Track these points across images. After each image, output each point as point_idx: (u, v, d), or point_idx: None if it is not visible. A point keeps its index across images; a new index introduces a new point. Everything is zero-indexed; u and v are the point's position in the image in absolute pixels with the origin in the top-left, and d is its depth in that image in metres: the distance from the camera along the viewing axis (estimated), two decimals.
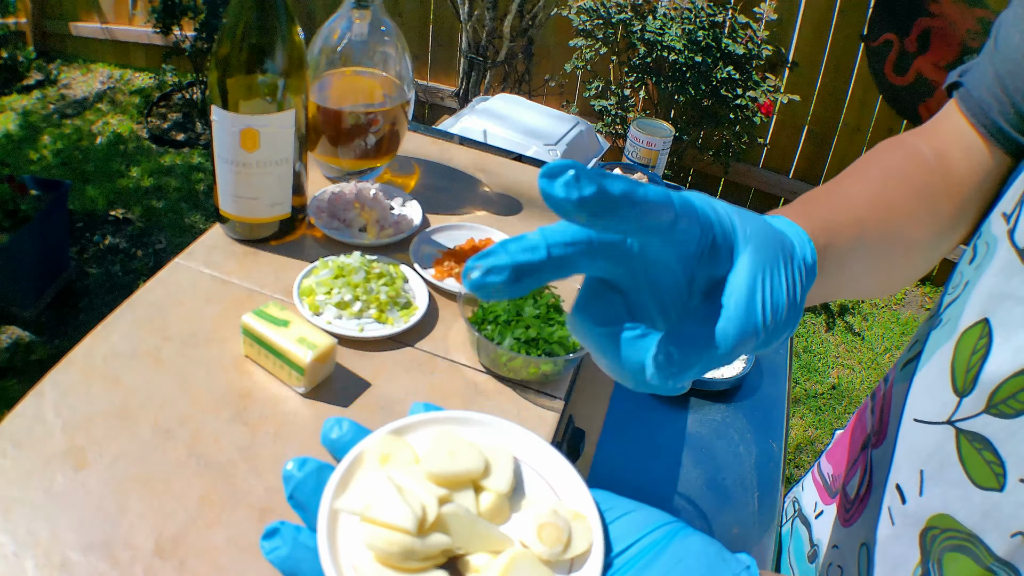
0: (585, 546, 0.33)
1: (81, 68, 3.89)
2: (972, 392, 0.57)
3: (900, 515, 0.64)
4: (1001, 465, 0.54)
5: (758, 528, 0.97)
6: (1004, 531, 0.54)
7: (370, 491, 0.31)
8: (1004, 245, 0.55)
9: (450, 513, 0.31)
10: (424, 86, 3.47)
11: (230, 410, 0.65)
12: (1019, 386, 0.53)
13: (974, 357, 0.57)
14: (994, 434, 0.55)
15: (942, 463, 0.58)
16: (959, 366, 0.58)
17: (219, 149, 0.76)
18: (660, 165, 1.52)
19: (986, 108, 0.61)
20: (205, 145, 3.39)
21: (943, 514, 0.59)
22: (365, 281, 0.76)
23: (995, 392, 0.55)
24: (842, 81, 3.00)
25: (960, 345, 0.58)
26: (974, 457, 0.56)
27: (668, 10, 2.72)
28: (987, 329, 0.56)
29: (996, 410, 0.55)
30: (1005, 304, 0.54)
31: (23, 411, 0.61)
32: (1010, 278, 0.54)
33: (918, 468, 0.62)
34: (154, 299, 0.74)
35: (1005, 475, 0.54)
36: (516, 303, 0.74)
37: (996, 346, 0.55)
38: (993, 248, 0.57)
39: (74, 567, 0.52)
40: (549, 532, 0.32)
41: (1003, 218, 0.56)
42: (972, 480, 0.56)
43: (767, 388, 1.19)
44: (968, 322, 0.58)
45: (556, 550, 0.32)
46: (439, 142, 1.10)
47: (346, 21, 0.88)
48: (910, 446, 0.64)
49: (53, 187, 2.45)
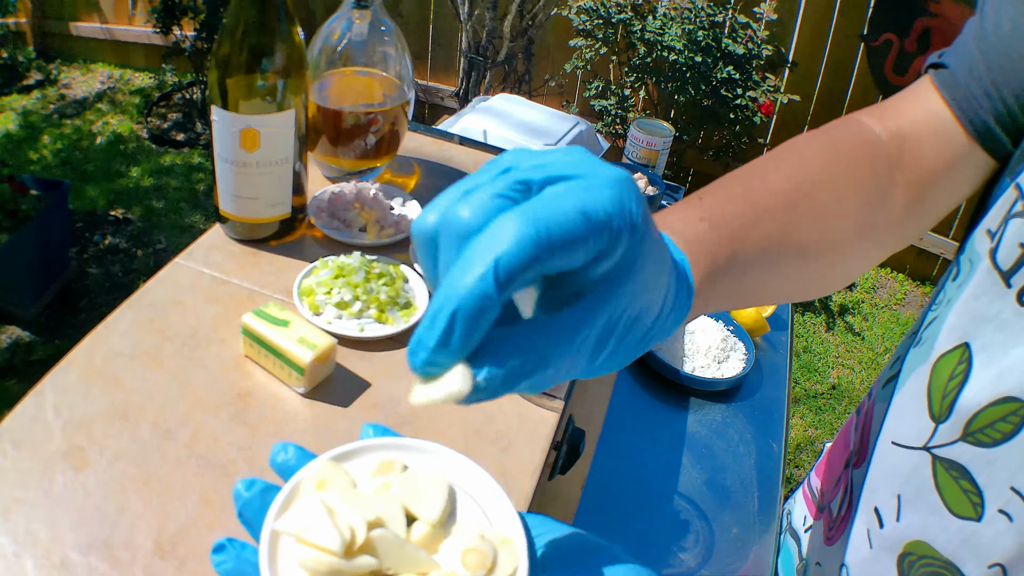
0: (509, 570, 0.34)
1: (81, 68, 3.89)
2: (948, 419, 0.55)
3: (878, 538, 0.63)
4: (979, 494, 0.53)
5: (758, 528, 0.97)
6: (982, 561, 0.53)
7: (305, 514, 0.33)
8: (985, 264, 0.52)
9: (378, 536, 0.33)
10: (424, 86, 3.47)
11: (230, 410, 0.65)
12: (998, 415, 0.51)
13: (951, 383, 0.55)
14: (971, 462, 0.53)
15: (919, 489, 0.57)
16: (935, 391, 0.56)
17: (219, 149, 0.76)
18: (660, 165, 1.52)
19: (974, 103, 0.56)
20: (205, 145, 3.39)
21: (920, 540, 0.58)
22: (365, 281, 0.76)
23: (972, 420, 0.53)
24: (842, 81, 3.00)
25: (937, 369, 0.56)
26: (951, 485, 0.55)
27: (668, 10, 2.72)
28: (967, 354, 0.54)
29: (973, 438, 0.53)
30: (986, 328, 0.52)
31: (23, 411, 0.61)
32: (991, 301, 0.52)
33: (895, 492, 0.61)
34: (154, 299, 0.74)
35: (983, 504, 0.53)
36: None
37: (975, 372, 0.53)
38: (975, 266, 0.54)
39: (74, 567, 0.52)
40: (473, 557, 0.34)
41: (987, 235, 0.54)
42: (949, 508, 0.55)
43: (767, 388, 1.19)
44: (946, 346, 0.55)
45: (479, 574, 0.33)
46: (439, 142, 1.10)
47: (346, 21, 0.88)
48: (888, 469, 0.62)
49: (53, 187, 2.45)
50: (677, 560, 0.92)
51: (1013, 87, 0.54)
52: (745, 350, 1.21)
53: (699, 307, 0.43)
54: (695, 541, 0.95)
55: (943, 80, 0.58)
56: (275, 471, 0.40)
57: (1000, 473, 0.51)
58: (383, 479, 0.37)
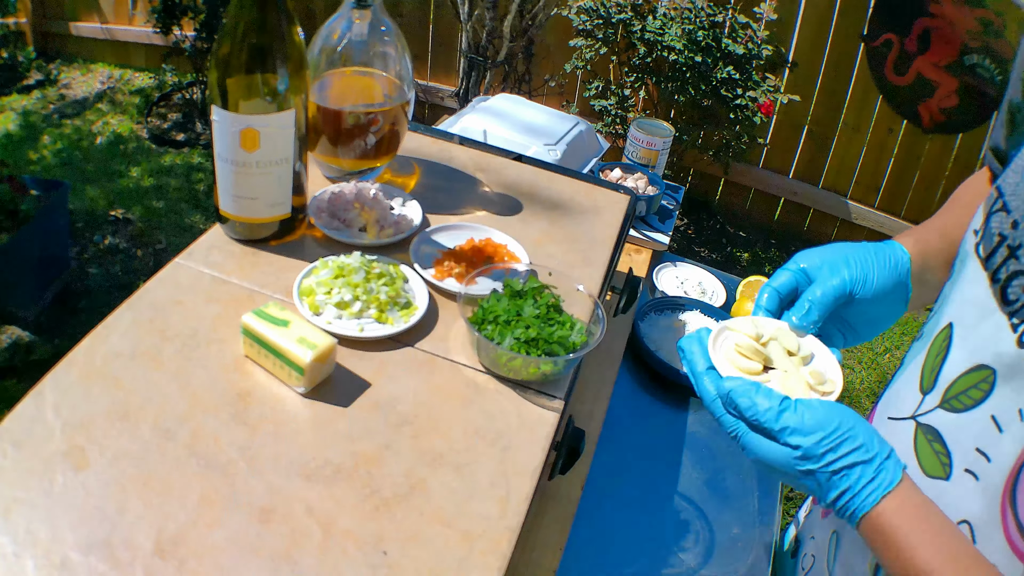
0: (833, 388, 0.65)
1: (81, 68, 3.89)
2: (933, 389, 0.62)
3: None
4: (948, 456, 0.59)
5: (758, 528, 0.97)
6: (951, 518, 0.58)
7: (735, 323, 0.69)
8: (972, 257, 0.61)
9: (772, 344, 0.68)
10: (424, 86, 3.47)
11: (230, 410, 0.65)
12: (969, 383, 0.58)
13: (937, 358, 0.63)
14: (944, 426, 0.60)
15: (901, 454, 0.63)
16: (927, 367, 0.64)
17: (219, 149, 0.76)
18: (660, 165, 1.52)
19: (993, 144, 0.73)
20: (205, 145, 3.39)
21: None
22: (365, 281, 0.76)
23: (950, 388, 0.60)
24: (842, 81, 3.00)
25: (930, 349, 0.64)
26: (926, 448, 0.62)
27: (668, 10, 2.72)
28: (949, 332, 0.62)
29: (948, 405, 0.60)
30: (966, 308, 0.60)
31: (23, 411, 0.61)
32: (972, 285, 0.60)
33: None
34: (154, 299, 0.74)
35: (951, 465, 0.59)
36: (516, 303, 0.74)
37: (954, 346, 0.61)
38: (964, 263, 0.62)
39: (74, 567, 0.52)
40: (815, 376, 0.65)
41: (973, 234, 0.62)
42: (923, 469, 0.62)
43: None
44: (937, 328, 0.64)
45: (818, 385, 0.64)
46: (439, 142, 1.10)
47: (346, 21, 0.88)
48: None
49: (53, 187, 2.45)
50: (677, 560, 0.92)
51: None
52: None
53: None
54: (695, 541, 0.95)
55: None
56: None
57: (967, 436, 0.58)
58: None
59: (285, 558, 0.55)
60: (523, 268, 0.82)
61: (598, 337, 0.74)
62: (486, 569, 0.57)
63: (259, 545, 0.55)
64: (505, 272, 0.81)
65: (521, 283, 0.77)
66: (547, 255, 0.90)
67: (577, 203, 1.02)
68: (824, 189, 3.22)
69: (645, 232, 1.40)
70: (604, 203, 1.03)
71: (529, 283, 0.76)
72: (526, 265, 0.83)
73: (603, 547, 0.91)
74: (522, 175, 1.05)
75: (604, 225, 0.99)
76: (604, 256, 0.93)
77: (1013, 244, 0.56)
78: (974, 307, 0.59)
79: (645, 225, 1.42)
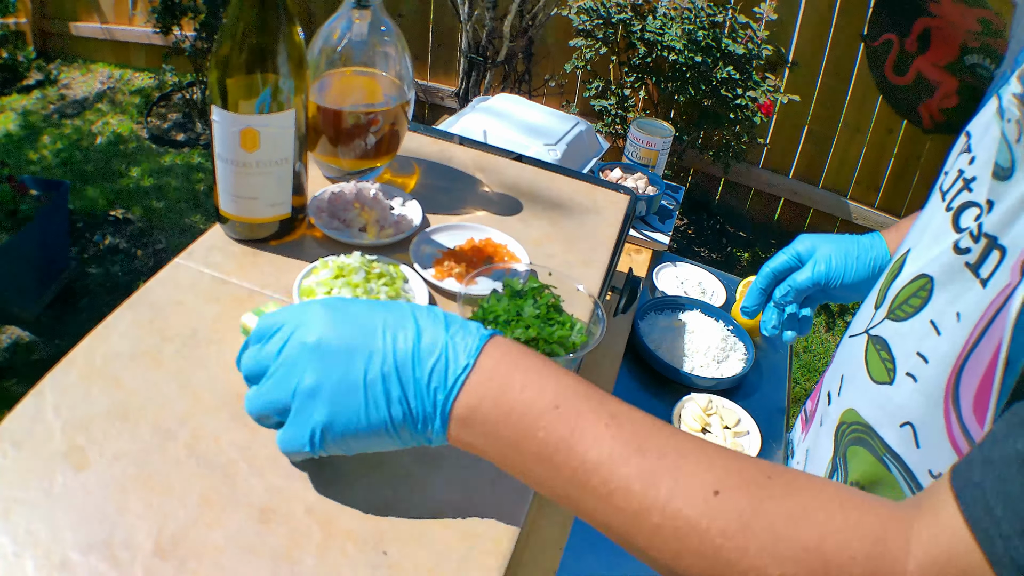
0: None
1: (81, 68, 3.89)
2: (883, 303, 0.67)
3: (825, 416, 0.75)
4: (892, 362, 0.63)
5: None
6: (894, 421, 0.61)
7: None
8: (935, 193, 0.66)
9: (713, 417, 0.93)
10: (424, 86, 3.47)
11: (230, 410, 0.65)
12: (910, 292, 0.62)
13: (889, 276, 0.68)
14: (890, 336, 0.64)
15: (855, 366, 0.68)
16: (882, 286, 0.69)
17: (219, 149, 0.76)
18: (660, 165, 1.52)
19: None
20: (205, 145, 3.39)
21: (850, 408, 0.69)
22: (365, 281, 0.76)
23: (895, 298, 0.65)
24: (842, 81, 3.00)
25: (888, 273, 0.69)
26: (874, 356, 0.66)
27: (668, 10, 2.72)
28: (905, 256, 0.67)
29: (893, 315, 0.64)
30: (923, 236, 0.65)
31: (23, 411, 0.61)
32: (932, 216, 0.65)
33: (840, 374, 0.73)
34: (154, 299, 0.74)
35: (895, 371, 0.62)
36: (516, 303, 0.74)
37: (906, 265, 0.66)
38: (929, 199, 0.68)
39: (74, 567, 0.52)
40: (736, 446, 0.76)
41: (944, 175, 0.66)
42: (871, 376, 0.65)
43: (767, 388, 1.19)
44: (897, 255, 0.69)
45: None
46: (439, 142, 1.10)
47: (346, 21, 0.88)
48: (841, 358, 0.76)
49: (53, 187, 2.45)
50: None
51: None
52: (745, 350, 1.21)
53: None
54: None
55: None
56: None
57: (909, 341, 0.61)
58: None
59: (285, 558, 0.55)
60: (523, 268, 0.82)
61: (598, 337, 0.74)
62: (486, 569, 0.57)
63: (259, 545, 0.55)
64: (505, 272, 0.81)
65: (521, 283, 0.77)
66: (547, 255, 0.90)
67: (577, 203, 1.02)
68: (824, 189, 3.23)
69: (645, 232, 1.40)
70: (604, 203, 1.03)
71: (529, 283, 0.76)
72: (526, 265, 0.83)
73: (603, 547, 0.91)
74: (522, 175, 1.05)
75: (604, 225, 0.99)
76: (604, 256, 0.93)
77: (967, 177, 0.61)
78: (929, 233, 0.64)
79: (645, 225, 1.42)
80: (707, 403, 1.11)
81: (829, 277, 0.88)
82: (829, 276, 0.88)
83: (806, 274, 0.90)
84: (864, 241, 0.89)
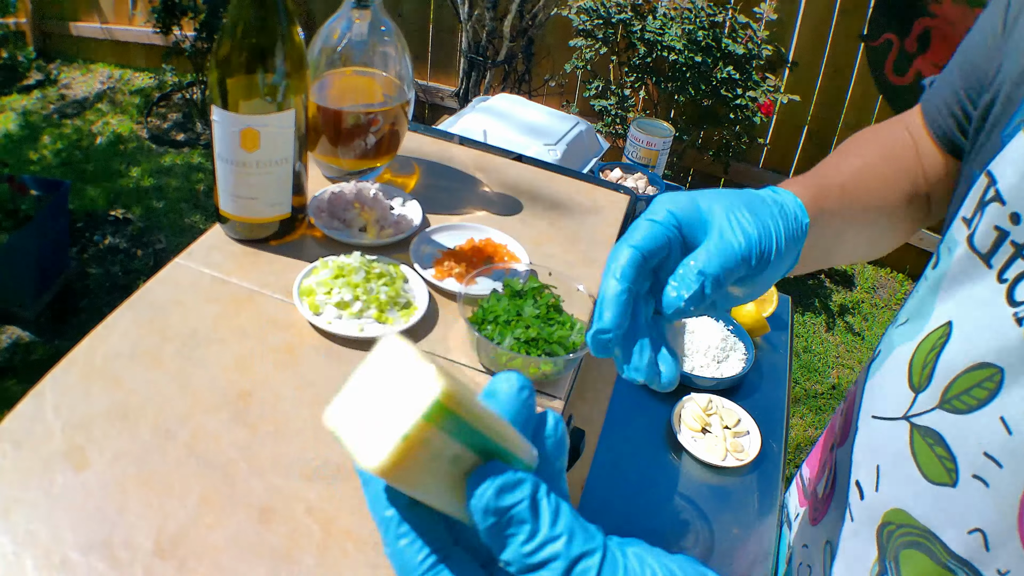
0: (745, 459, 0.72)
1: (81, 68, 3.89)
2: (927, 387, 0.57)
3: (859, 511, 0.64)
4: (953, 460, 0.54)
5: (758, 528, 0.97)
6: (960, 527, 0.54)
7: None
8: (962, 249, 0.56)
9: (713, 417, 0.81)
10: (424, 86, 3.47)
11: (230, 410, 0.65)
12: (973, 381, 0.53)
13: (931, 354, 0.57)
14: (946, 429, 0.55)
15: (896, 458, 0.59)
16: (916, 363, 0.59)
17: (219, 149, 0.76)
18: (660, 165, 1.52)
19: (938, 117, 0.69)
20: (205, 145, 3.39)
21: (898, 509, 0.59)
22: (365, 281, 0.76)
23: (949, 387, 0.55)
24: (842, 81, 3.00)
25: (922, 344, 0.59)
26: (926, 452, 0.56)
27: (668, 10, 2.72)
28: (948, 330, 0.56)
29: (949, 405, 0.55)
30: (967, 306, 0.55)
31: (23, 411, 0.61)
32: (973, 282, 0.55)
33: (875, 464, 0.62)
34: (154, 299, 0.74)
35: (957, 471, 0.54)
36: (516, 303, 0.74)
37: (952, 342, 0.56)
38: (952, 252, 0.57)
39: (74, 567, 0.52)
40: (736, 445, 0.78)
41: (963, 223, 0.57)
42: (924, 475, 0.56)
43: (767, 388, 1.19)
44: (934, 325, 0.58)
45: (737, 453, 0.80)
46: (439, 142, 1.10)
47: (346, 21, 0.88)
48: (868, 442, 0.64)
49: (53, 187, 2.45)
50: None
51: (970, 84, 0.64)
52: (745, 350, 1.21)
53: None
54: (695, 541, 0.95)
55: (923, 99, 0.72)
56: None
57: (973, 439, 0.52)
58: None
59: (285, 558, 0.55)
60: (523, 268, 0.82)
61: None
62: None
63: (259, 545, 0.55)
64: (505, 272, 0.81)
65: (521, 283, 0.77)
66: (547, 255, 0.90)
67: (577, 203, 1.02)
68: None
69: None
70: (604, 203, 1.03)
71: (529, 283, 0.76)
72: (526, 265, 0.83)
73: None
74: (522, 175, 1.05)
75: (604, 225, 0.99)
76: (604, 256, 0.93)
77: (1019, 242, 0.51)
78: (976, 307, 0.54)
79: None
80: (707, 403, 1.11)
81: (759, 247, 0.53)
82: (758, 245, 0.53)
83: (715, 249, 0.51)
84: (769, 196, 0.58)
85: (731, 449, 1.06)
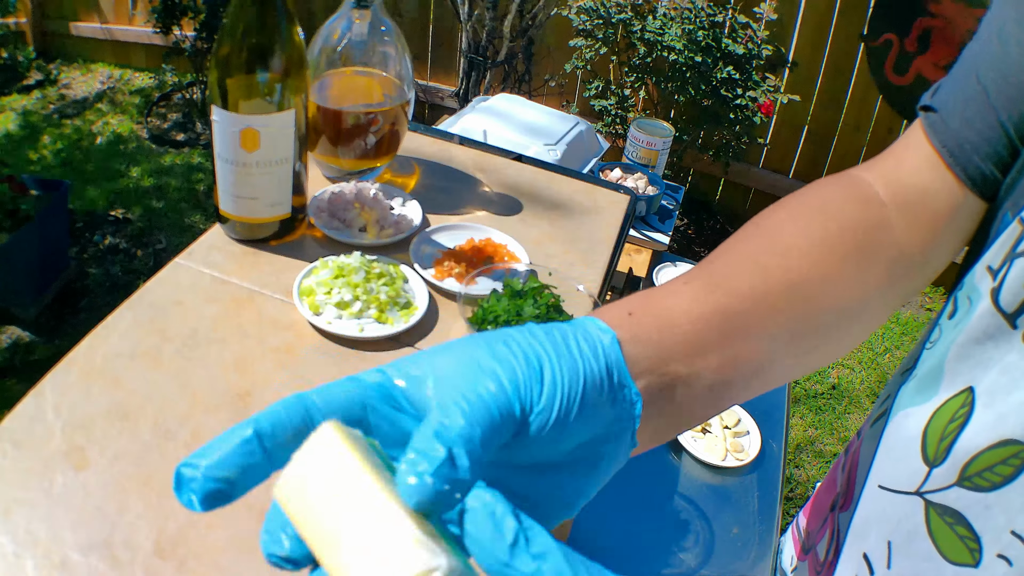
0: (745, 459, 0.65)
1: (81, 68, 3.89)
2: (944, 463, 0.52)
3: None
4: (976, 540, 0.50)
5: (758, 528, 0.97)
6: None
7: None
8: (986, 304, 0.49)
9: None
10: (424, 86, 3.47)
11: (230, 410, 0.65)
12: (997, 458, 0.49)
13: (951, 426, 0.52)
14: (967, 508, 0.51)
15: (910, 535, 0.54)
16: (932, 435, 0.53)
17: (219, 149, 0.76)
18: (660, 165, 1.52)
19: (967, 148, 0.53)
20: (205, 145, 3.39)
21: None
22: (365, 281, 0.76)
23: (969, 464, 0.50)
24: (842, 81, 3.00)
25: (938, 414, 0.53)
26: (945, 531, 0.52)
27: (668, 10, 2.72)
28: (970, 398, 0.51)
29: (970, 483, 0.50)
30: (991, 372, 0.49)
31: (23, 411, 0.61)
32: (996, 344, 0.49)
33: (885, 538, 0.58)
34: (154, 299, 0.74)
35: (981, 551, 0.50)
36: (516, 303, 0.74)
37: (976, 415, 0.50)
38: (975, 305, 0.51)
39: (74, 567, 0.52)
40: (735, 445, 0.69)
41: (988, 272, 0.50)
42: (943, 555, 0.52)
43: None
44: (949, 391, 0.53)
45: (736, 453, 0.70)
46: (439, 142, 1.10)
47: (346, 21, 0.88)
48: (876, 514, 0.60)
49: (53, 187, 2.45)
50: (677, 560, 0.92)
51: (1018, 108, 0.51)
52: None
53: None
54: (695, 541, 0.95)
55: (933, 126, 0.55)
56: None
57: (999, 517, 0.49)
58: None
59: None
60: (523, 268, 0.82)
61: None
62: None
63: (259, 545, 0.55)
64: (505, 272, 0.81)
65: (521, 283, 0.77)
66: (547, 255, 0.90)
67: (577, 203, 1.02)
68: None
69: (645, 232, 1.40)
70: (604, 203, 1.03)
71: (529, 283, 0.76)
72: (526, 265, 0.83)
73: (603, 547, 0.91)
74: (522, 175, 1.05)
75: (604, 225, 0.99)
76: (604, 256, 0.93)
77: None
78: (1001, 373, 0.48)
79: (645, 225, 1.42)
80: None
81: (522, 398, 0.34)
82: (520, 396, 0.34)
83: (461, 409, 0.32)
84: (559, 334, 0.38)
85: (731, 449, 1.06)
